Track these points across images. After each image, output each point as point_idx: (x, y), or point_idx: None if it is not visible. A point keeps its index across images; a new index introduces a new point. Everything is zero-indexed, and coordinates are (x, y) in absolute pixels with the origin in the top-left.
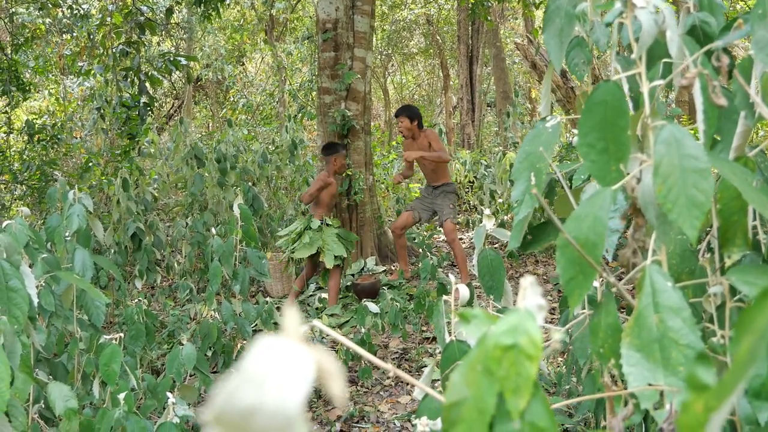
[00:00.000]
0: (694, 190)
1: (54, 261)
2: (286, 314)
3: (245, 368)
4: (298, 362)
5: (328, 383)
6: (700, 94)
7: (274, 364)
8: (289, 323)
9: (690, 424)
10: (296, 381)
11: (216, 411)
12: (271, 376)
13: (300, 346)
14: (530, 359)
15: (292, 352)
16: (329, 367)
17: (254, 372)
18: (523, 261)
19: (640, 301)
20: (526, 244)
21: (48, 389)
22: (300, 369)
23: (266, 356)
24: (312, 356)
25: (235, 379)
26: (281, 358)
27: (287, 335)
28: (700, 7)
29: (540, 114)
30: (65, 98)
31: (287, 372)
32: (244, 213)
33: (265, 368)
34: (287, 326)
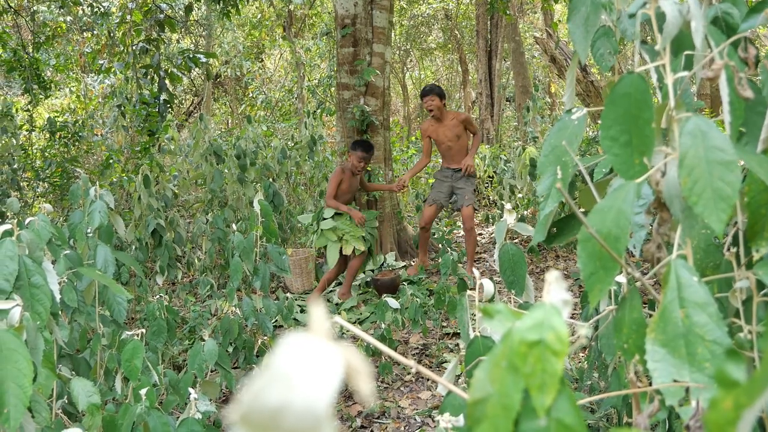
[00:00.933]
0: (721, 182)
1: (76, 257)
2: (313, 311)
3: (273, 366)
4: (326, 360)
5: (356, 381)
6: (726, 86)
7: (303, 362)
8: (315, 320)
9: (719, 421)
10: (325, 379)
11: (244, 410)
12: (299, 375)
13: (328, 343)
14: (556, 355)
15: (320, 349)
16: (357, 365)
17: (282, 370)
18: (544, 256)
19: (666, 296)
20: (550, 238)
21: (71, 385)
22: (328, 367)
23: (294, 354)
24: (340, 354)
25: (263, 378)
26: (309, 356)
27: (314, 332)
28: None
29: (565, 105)
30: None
31: (316, 370)
32: (264, 209)
33: (293, 366)
34: (314, 323)
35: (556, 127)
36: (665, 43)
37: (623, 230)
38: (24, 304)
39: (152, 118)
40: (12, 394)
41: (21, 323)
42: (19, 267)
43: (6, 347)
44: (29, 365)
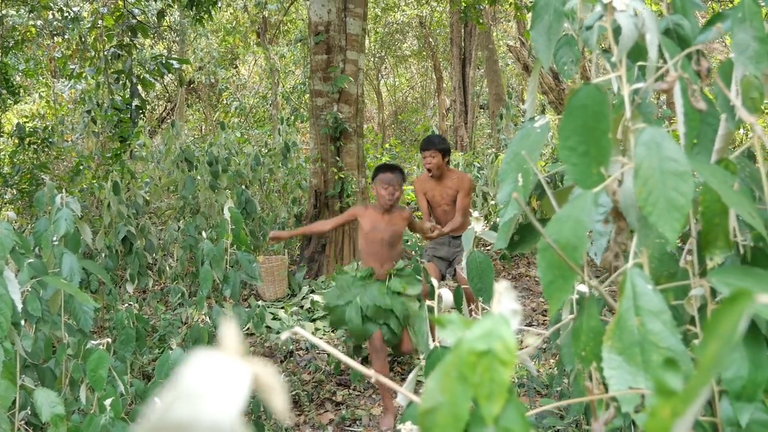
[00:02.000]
0: (674, 192)
1: (41, 266)
2: (225, 329)
3: (180, 383)
4: (234, 376)
5: (268, 397)
6: (680, 98)
7: (209, 378)
8: (227, 337)
9: (656, 429)
10: (231, 395)
11: (151, 426)
12: (206, 391)
13: (236, 360)
14: (504, 365)
15: (227, 366)
16: (269, 381)
17: (189, 387)
18: (516, 263)
19: (622, 304)
20: (513, 244)
21: (34, 395)
22: (235, 383)
23: (202, 371)
24: (249, 370)
25: (170, 395)
26: (216, 373)
27: (224, 349)
28: (674, 9)
29: (527, 113)
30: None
31: (223, 386)
32: (234, 216)
33: (199, 383)
34: (225, 340)
35: (518, 135)
36: (621, 55)
37: (581, 239)
38: None
39: (124, 124)
40: None
41: None
42: None
43: None
44: None
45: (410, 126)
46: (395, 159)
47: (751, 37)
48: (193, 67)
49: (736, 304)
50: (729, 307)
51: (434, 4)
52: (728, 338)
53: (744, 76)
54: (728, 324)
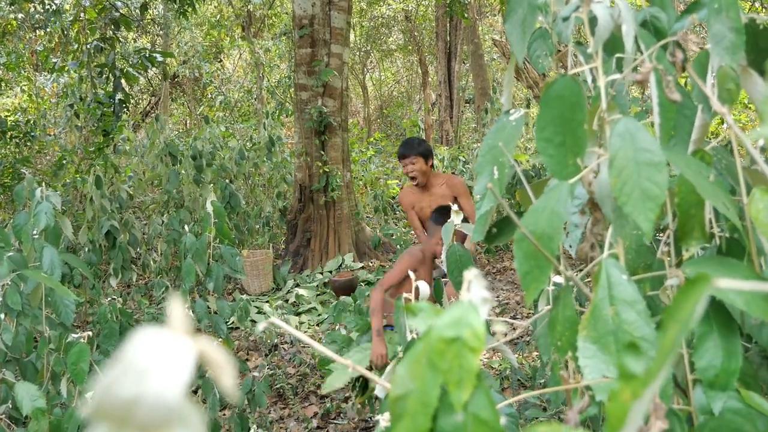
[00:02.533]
0: (649, 182)
1: (20, 259)
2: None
3: (125, 360)
4: (179, 353)
5: (217, 374)
6: (656, 89)
7: (155, 355)
8: (173, 315)
9: (617, 413)
10: (176, 371)
11: (97, 403)
12: (151, 367)
13: (181, 337)
14: (473, 352)
15: (173, 343)
16: (217, 359)
17: (133, 363)
18: (500, 257)
19: (596, 294)
20: (491, 237)
21: (15, 389)
22: (180, 359)
23: (146, 348)
24: (195, 347)
25: (115, 371)
26: (161, 350)
27: (171, 326)
28: (651, 2)
29: (503, 106)
30: (38, 95)
31: (167, 363)
32: (217, 210)
33: (144, 360)
34: (172, 318)
35: (494, 128)
36: (597, 46)
37: (556, 230)
38: None
39: (107, 118)
40: None
41: None
42: None
43: None
44: None
45: (396, 120)
46: (380, 153)
47: (727, 27)
48: (177, 61)
49: (695, 288)
50: (688, 291)
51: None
52: (686, 321)
53: (720, 67)
54: (687, 307)
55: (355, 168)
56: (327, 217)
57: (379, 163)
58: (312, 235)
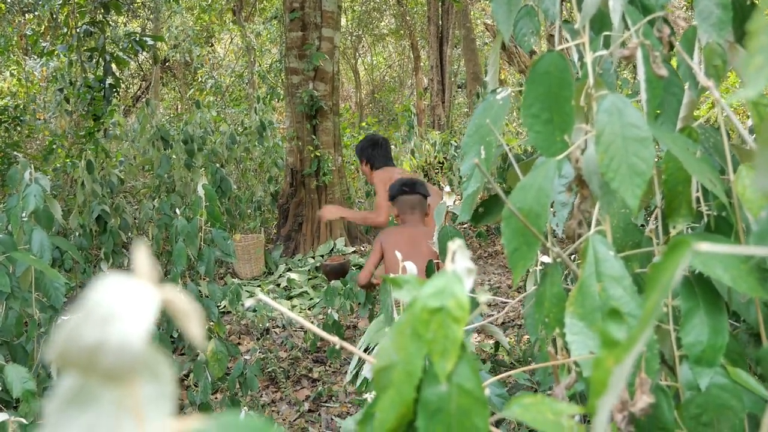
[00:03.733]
0: (636, 158)
1: (9, 242)
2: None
3: (89, 305)
4: (143, 299)
5: (183, 322)
6: (642, 65)
7: (118, 301)
8: (138, 262)
9: (599, 379)
10: (140, 317)
11: (60, 348)
12: (115, 313)
13: (145, 284)
14: (457, 322)
15: (137, 289)
16: (183, 307)
17: (98, 309)
18: (492, 241)
19: (584, 270)
20: (477, 217)
21: (5, 371)
22: (144, 305)
23: (110, 294)
24: (159, 293)
25: (78, 318)
26: (125, 296)
27: (135, 274)
28: None
29: (488, 85)
30: (28, 79)
31: (131, 308)
32: (208, 193)
33: (108, 306)
34: (137, 266)
35: (480, 107)
36: (584, 21)
37: (543, 207)
38: None
39: (97, 103)
40: None
41: None
42: None
43: None
44: None
45: (388, 105)
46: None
47: (714, 3)
48: (168, 45)
49: (675, 252)
50: (668, 256)
51: None
52: (666, 284)
53: (707, 44)
54: (667, 272)
55: (347, 152)
56: (318, 201)
57: None
58: (303, 219)
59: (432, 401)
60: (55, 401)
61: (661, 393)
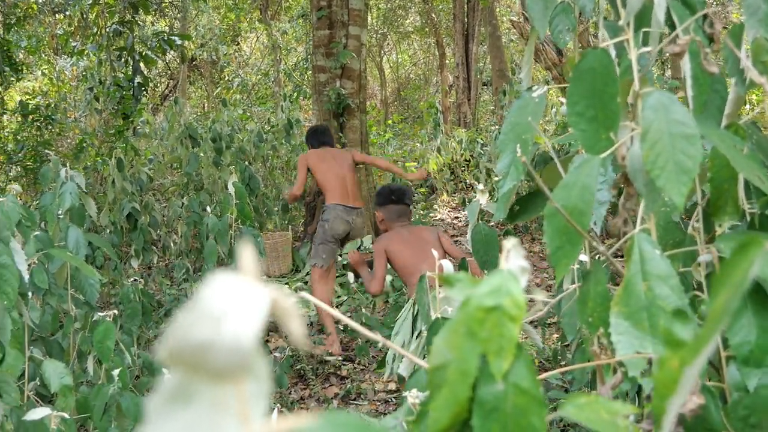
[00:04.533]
0: (682, 155)
1: (47, 239)
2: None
3: (200, 304)
4: (253, 298)
5: (285, 321)
6: (689, 61)
7: (229, 300)
8: (245, 262)
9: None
10: (251, 316)
11: (171, 347)
12: (226, 312)
13: (255, 283)
14: (513, 320)
15: (247, 288)
16: (286, 305)
17: (208, 308)
18: (520, 239)
19: (629, 269)
20: (513, 215)
21: (43, 367)
22: (254, 305)
23: (221, 292)
24: (267, 293)
25: (189, 316)
26: (236, 295)
27: (242, 273)
28: None
29: (522, 83)
30: (59, 78)
31: (242, 307)
32: (239, 191)
33: (220, 304)
34: (243, 265)
35: (516, 105)
36: (629, 17)
37: (588, 204)
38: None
39: (126, 101)
40: None
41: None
42: None
43: None
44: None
45: (413, 103)
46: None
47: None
48: (195, 44)
49: (747, 252)
50: (739, 256)
51: None
52: (738, 285)
53: (755, 39)
54: (738, 272)
55: (373, 150)
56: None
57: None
58: None
59: (488, 400)
60: (157, 399)
61: (708, 394)
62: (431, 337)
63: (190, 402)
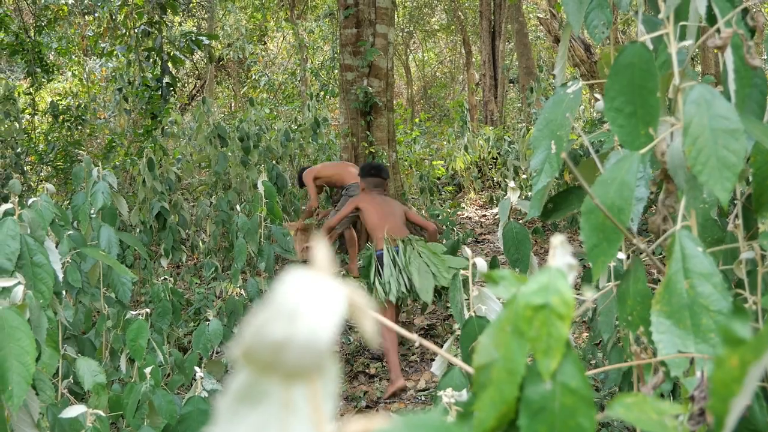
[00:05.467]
0: (725, 150)
1: (80, 238)
2: (317, 249)
3: (275, 301)
4: (330, 295)
5: (359, 319)
6: (732, 55)
7: (306, 297)
8: (319, 258)
9: (725, 380)
10: (328, 314)
11: (246, 346)
12: (302, 309)
13: (330, 279)
14: (562, 319)
15: (323, 285)
16: (361, 303)
17: (285, 305)
18: (547, 237)
19: (670, 267)
20: (546, 213)
21: (76, 365)
22: (331, 302)
23: (297, 289)
24: (343, 290)
25: (266, 313)
26: (312, 292)
27: (317, 269)
28: None
29: (556, 79)
30: (88, 79)
31: (319, 305)
32: (268, 190)
33: (296, 301)
34: (317, 260)
35: (550, 101)
36: (669, 11)
37: (627, 201)
38: (26, 282)
39: (155, 101)
40: (15, 372)
41: (24, 301)
42: (21, 246)
43: (8, 325)
44: (32, 343)
45: (439, 101)
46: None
47: None
48: (222, 44)
49: None
50: None
51: None
52: None
53: None
54: None
55: (401, 149)
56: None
57: (424, 143)
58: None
59: (535, 400)
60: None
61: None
62: (464, 336)
63: (260, 402)
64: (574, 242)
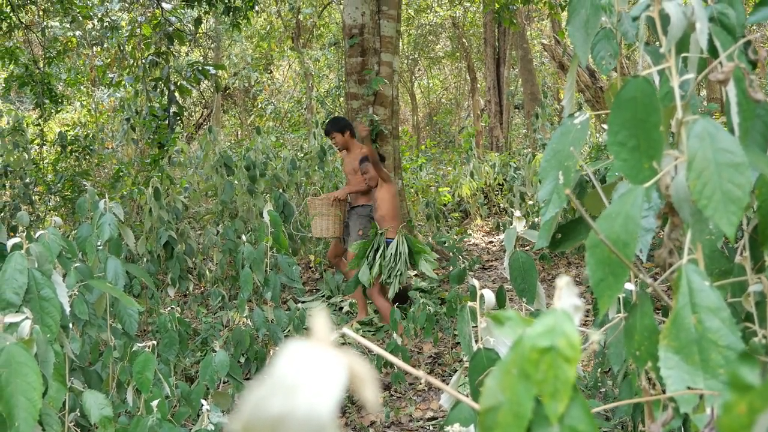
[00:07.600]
0: (730, 184)
1: (86, 270)
2: (316, 318)
3: (274, 375)
4: (330, 368)
5: (361, 389)
6: (734, 88)
7: (305, 370)
8: (318, 328)
9: (733, 426)
10: (328, 387)
11: (245, 420)
12: (301, 383)
13: (331, 351)
14: (568, 362)
15: (322, 357)
16: (362, 373)
17: (284, 379)
18: (555, 263)
19: (677, 301)
20: (555, 243)
21: (83, 397)
22: (331, 375)
23: (296, 362)
24: (343, 361)
25: (264, 387)
26: (312, 364)
27: (317, 340)
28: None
29: (564, 110)
30: (96, 109)
31: (318, 378)
32: (273, 219)
33: (295, 375)
34: (317, 331)
35: (558, 132)
36: (670, 45)
37: (632, 235)
38: (34, 317)
39: (162, 131)
40: (21, 408)
41: (31, 336)
42: (28, 280)
43: (15, 361)
44: (38, 378)
45: (444, 127)
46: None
47: None
48: (228, 73)
49: None
50: None
51: (467, 4)
52: None
53: None
54: None
55: (407, 176)
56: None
57: (430, 170)
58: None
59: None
60: None
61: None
62: (473, 369)
63: None
64: (582, 268)
